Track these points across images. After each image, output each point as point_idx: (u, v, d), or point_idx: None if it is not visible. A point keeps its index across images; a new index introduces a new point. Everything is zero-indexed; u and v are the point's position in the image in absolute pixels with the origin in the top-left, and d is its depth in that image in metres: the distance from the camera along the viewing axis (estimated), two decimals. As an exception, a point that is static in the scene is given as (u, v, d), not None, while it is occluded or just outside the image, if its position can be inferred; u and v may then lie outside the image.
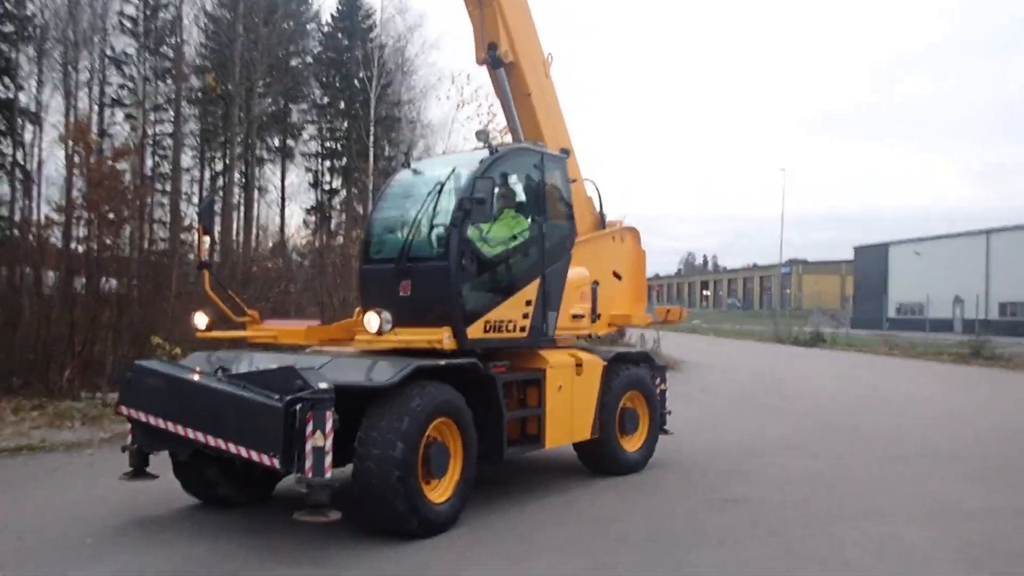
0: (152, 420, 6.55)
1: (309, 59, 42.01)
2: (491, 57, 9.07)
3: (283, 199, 43.23)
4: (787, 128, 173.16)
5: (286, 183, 43.56)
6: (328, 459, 5.69)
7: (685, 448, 9.89)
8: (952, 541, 6.59)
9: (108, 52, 33.36)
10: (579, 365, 8.19)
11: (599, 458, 8.65)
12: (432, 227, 7.42)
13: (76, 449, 9.97)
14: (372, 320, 6.56)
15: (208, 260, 8.07)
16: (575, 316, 8.53)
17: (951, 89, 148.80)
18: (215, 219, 8.80)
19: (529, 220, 7.84)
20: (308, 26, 41.21)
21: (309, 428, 5.69)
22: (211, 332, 7.74)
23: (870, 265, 58.28)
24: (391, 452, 6.04)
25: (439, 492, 6.54)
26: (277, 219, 41.16)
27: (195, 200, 33.12)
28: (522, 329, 7.67)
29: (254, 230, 32.94)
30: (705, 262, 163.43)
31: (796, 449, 10.55)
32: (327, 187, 44.51)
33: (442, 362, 6.70)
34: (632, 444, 8.95)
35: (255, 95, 30.44)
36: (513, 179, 8.05)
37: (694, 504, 7.62)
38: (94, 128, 29.44)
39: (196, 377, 6.48)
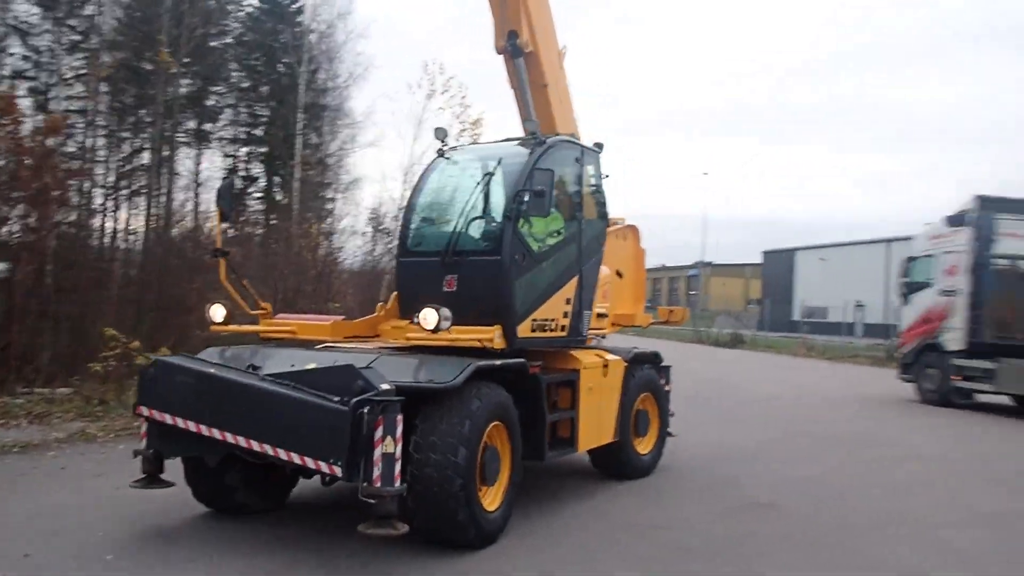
0: (181, 423, 5.94)
1: (231, 40, 40.33)
2: (511, 46, 8.73)
3: (197, 184, 41.35)
4: (699, 127, 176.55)
5: (201, 168, 41.67)
6: (398, 467, 5.28)
7: (676, 452, 9.68)
8: (998, 543, 6.65)
9: (11, 21, 31.06)
10: (605, 366, 7.93)
11: (615, 462, 8.41)
12: (483, 219, 7.05)
13: (34, 451, 9.07)
14: (430, 316, 6.06)
15: (224, 248, 7.42)
16: (599, 315, 8.28)
17: (841, 99, 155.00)
18: (233, 203, 8.13)
19: (569, 216, 7.55)
20: (230, 6, 39.53)
21: (379, 433, 5.25)
22: (228, 326, 7.12)
23: (778, 269, 60.26)
24: (453, 458, 5.64)
25: (490, 499, 6.17)
26: (191, 205, 39.33)
27: (108, 182, 31.18)
28: (563, 328, 7.37)
29: (171, 216, 31.30)
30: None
31: (787, 455, 10.54)
32: (245, 174, 42.79)
33: (498, 362, 6.32)
34: (644, 446, 8.75)
35: (176, 75, 28.85)
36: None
37: (728, 509, 7.47)
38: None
39: (238, 376, 5.91)
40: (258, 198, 40.91)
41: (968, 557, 6.31)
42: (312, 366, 6.03)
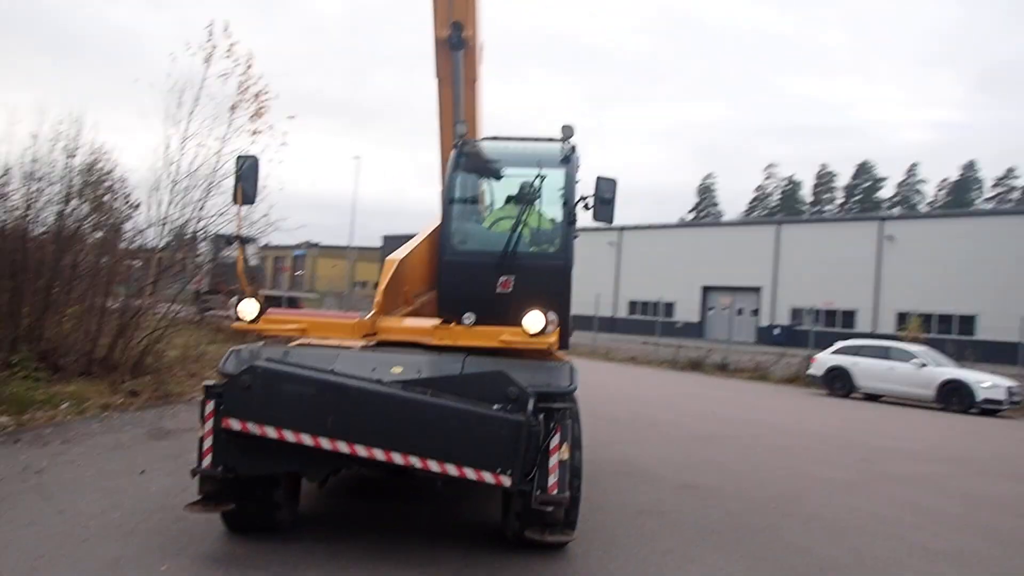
0: (291, 436, 5.18)
1: None
2: (456, 38, 8.61)
3: None
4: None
5: None
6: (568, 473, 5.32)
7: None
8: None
9: None
10: None
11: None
12: (539, 223, 6.96)
13: None
14: (537, 320, 5.98)
15: (246, 235, 6.34)
16: None
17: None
18: (258, 184, 6.81)
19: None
20: None
21: (555, 441, 5.22)
22: (261, 325, 6.13)
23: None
24: (578, 462, 5.75)
25: None
26: None
27: None
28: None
29: None
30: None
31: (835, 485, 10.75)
32: None
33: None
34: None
35: None
36: None
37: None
38: None
39: (379, 387, 5.31)
40: None
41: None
42: (398, 369, 5.67)
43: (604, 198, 6.78)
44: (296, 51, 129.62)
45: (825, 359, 23.63)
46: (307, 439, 5.17)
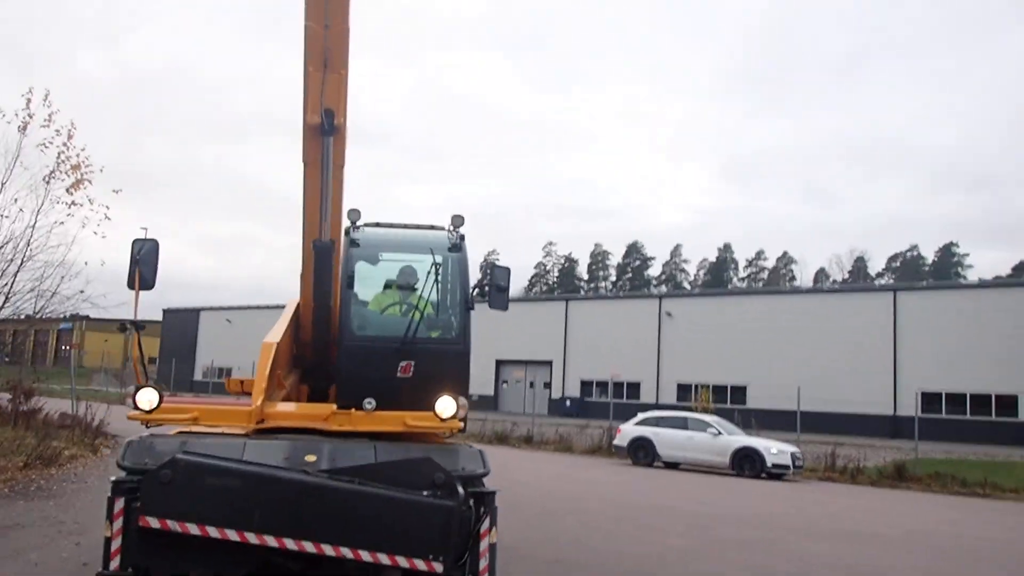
0: (215, 532, 4.95)
1: None
2: (328, 124, 8.68)
3: None
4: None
5: None
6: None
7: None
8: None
9: None
10: None
11: None
12: (438, 309, 7.03)
13: None
14: (449, 405, 6.08)
15: (140, 321, 5.96)
16: None
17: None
18: (157, 269, 6.36)
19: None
20: None
21: (485, 524, 5.34)
22: (156, 415, 5.76)
23: (180, 327, 59.12)
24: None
25: None
26: None
27: None
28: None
29: None
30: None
31: None
32: None
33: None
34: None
35: None
36: None
37: None
38: None
39: (307, 477, 5.16)
40: None
41: None
42: (312, 458, 5.59)
43: (499, 286, 7.07)
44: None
45: (629, 430, 24.96)
46: (232, 535, 4.98)
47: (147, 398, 5.80)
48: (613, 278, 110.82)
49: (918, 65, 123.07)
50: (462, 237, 7.58)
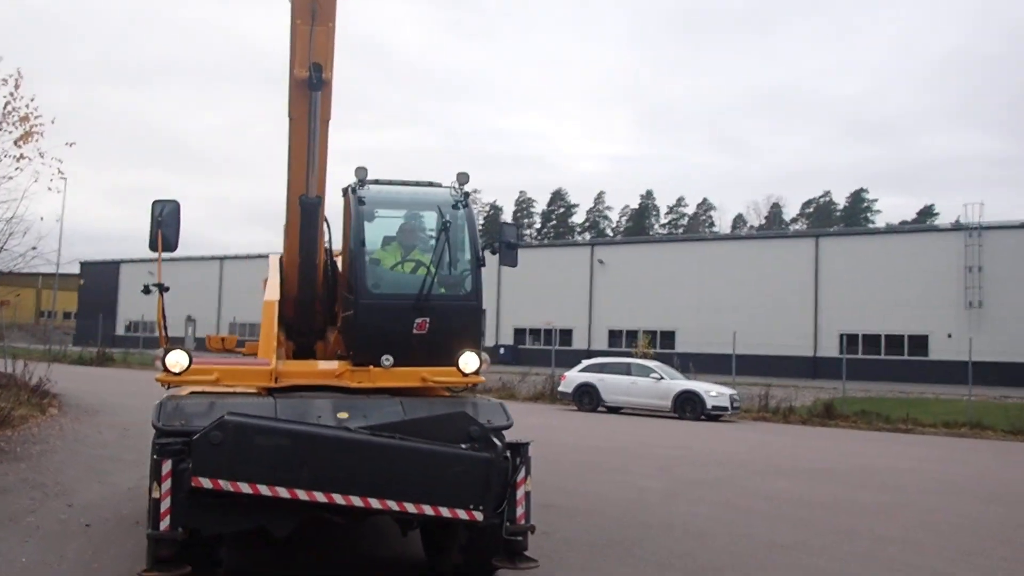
0: (266, 490, 5.13)
1: None
2: (316, 78, 8.62)
3: None
4: None
5: None
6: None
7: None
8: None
9: None
10: None
11: None
12: (451, 266, 7.16)
13: None
14: (472, 360, 6.33)
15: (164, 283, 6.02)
16: None
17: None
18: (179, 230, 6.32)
19: None
20: None
21: (521, 474, 5.64)
22: (185, 377, 5.86)
23: (98, 282, 57.12)
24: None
25: None
26: None
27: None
28: None
29: None
30: None
31: None
32: None
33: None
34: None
35: None
36: None
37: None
38: None
39: (354, 434, 5.37)
40: None
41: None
42: (344, 415, 5.81)
43: (509, 242, 7.24)
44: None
45: (574, 377, 25.62)
46: (283, 492, 5.13)
47: (176, 360, 5.86)
48: (538, 225, 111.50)
49: (827, 21, 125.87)
50: (466, 194, 7.69)
